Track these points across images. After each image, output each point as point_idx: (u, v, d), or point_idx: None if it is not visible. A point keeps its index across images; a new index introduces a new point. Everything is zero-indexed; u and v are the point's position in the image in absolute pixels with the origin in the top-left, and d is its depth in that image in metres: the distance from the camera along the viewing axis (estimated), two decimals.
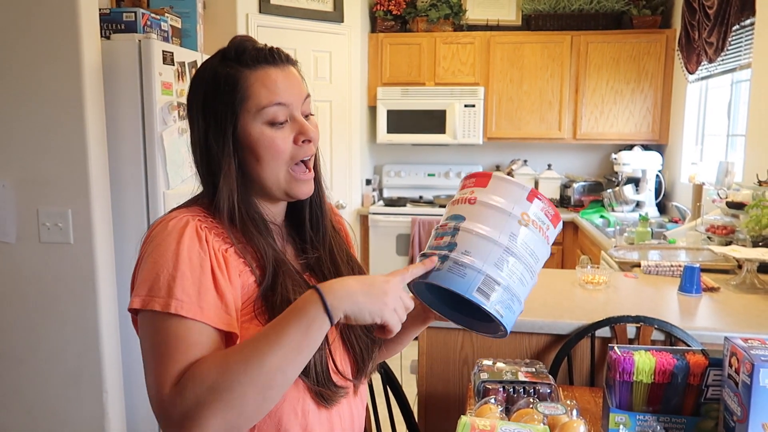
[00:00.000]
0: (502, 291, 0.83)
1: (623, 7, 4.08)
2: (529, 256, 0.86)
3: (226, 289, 0.84)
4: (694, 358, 1.20)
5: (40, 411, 2.08)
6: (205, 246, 0.85)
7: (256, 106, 0.89)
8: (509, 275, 0.84)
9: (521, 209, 0.86)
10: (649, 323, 1.66)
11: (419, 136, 4.27)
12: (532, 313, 1.79)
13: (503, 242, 0.84)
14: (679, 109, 3.93)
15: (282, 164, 0.92)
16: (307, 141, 0.93)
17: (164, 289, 0.81)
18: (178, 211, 0.91)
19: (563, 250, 4.01)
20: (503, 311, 0.84)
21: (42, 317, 2.03)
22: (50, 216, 1.97)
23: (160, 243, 0.84)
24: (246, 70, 0.90)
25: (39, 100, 1.93)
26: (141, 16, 2.19)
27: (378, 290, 0.81)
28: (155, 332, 0.81)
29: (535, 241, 0.87)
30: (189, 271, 0.82)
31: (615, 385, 1.21)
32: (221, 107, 0.90)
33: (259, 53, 0.91)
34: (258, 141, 0.90)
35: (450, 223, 0.88)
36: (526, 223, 0.85)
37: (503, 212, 0.85)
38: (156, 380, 0.79)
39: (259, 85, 0.90)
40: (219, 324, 0.82)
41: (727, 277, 2.22)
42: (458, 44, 4.21)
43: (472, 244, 0.83)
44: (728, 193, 2.70)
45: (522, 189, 0.87)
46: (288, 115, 0.92)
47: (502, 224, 0.84)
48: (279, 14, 3.64)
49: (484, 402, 1.21)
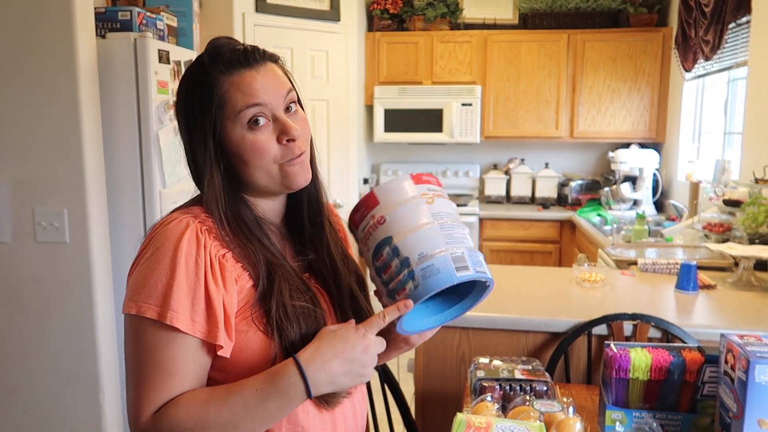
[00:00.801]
0: (467, 254, 0.85)
1: (620, 6, 4.09)
2: (452, 217, 0.88)
3: (217, 299, 0.84)
4: (690, 355, 1.20)
5: (37, 411, 2.07)
6: (202, 252, 0.84)
7: (233, 111, 0.88)
8: (459, 239, 0.86)
9: (417, 191, 0.88)
10: (645, 321, 1.66)
11: (416, 135, 4.27)
12: (529, 311, 1.79)
13: (431, 221, 0.85)
14: (675, 107, 3.93)
15: (270, 163, 0.90)
16: (291, 140, 0.91)
17: (160, 299, 0.81)
18: (180, 212, 0.90)
19: (561, 248, 4.02)
20: (481, 268, 0.86)
21: (38, 317, 2.02)
22: (46, 215, 1.96)
23: (158, 247, 0.84)
24: (221, 75, 0.89)
25: (34, 100, 1.92)
26: (136, 14, 2.19)
27: (358, 365, 0.83)
28: (145, 342, 0.82)
29: (446, 204, 0.89)
30: (185, 282, 0.82)
31: (611, 382, 1.21)
32: (200, 116, 0.90)
33: (233, 57, 0.89)
34: (241, 145, 0.89)
35: (383, 250, 0.86)
36: (430, 199, 0.87)
37: (409, 203, 0.86)
38: (136, 402, 0.82)
39: (234, 90, 0.88)
40: (208, 337, 0.83)
41: (724, 274, 2.22)
42: (455, 43, 4.21)
43: (417, 245, 0.84)
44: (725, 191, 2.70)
45: (403, 180, 0.89)
46: (269, 114, 0.90)
47: (418, 211, 0.86)
48: (275, 13, 3.63)
49: (481, 399, 1.21)
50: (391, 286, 0.86)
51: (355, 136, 4.19)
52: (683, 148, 3.85)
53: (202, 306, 0.83)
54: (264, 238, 0.93)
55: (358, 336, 0.83)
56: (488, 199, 4.47)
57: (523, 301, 1.89)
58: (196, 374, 0.85)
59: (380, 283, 0.88)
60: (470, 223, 4.02)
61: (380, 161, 4.73)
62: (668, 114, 4.06)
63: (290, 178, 0.92)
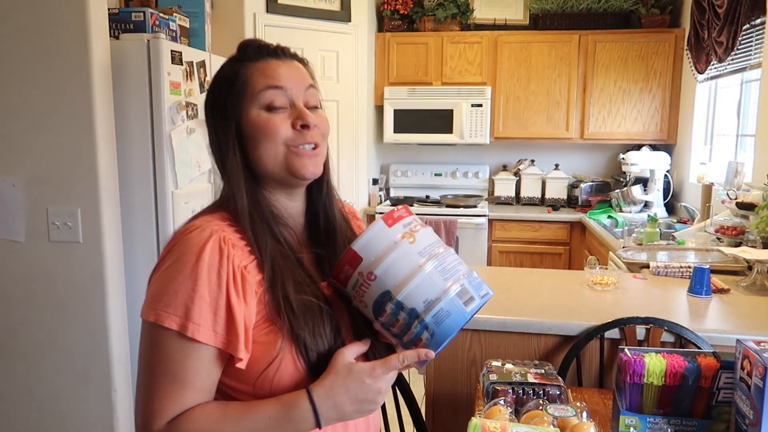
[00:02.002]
0: (467, 283, 0.85)
1: (631, 7, 4.07)
2: (437, 246, 0.87)
3: (239, 311, 0.83)
4: (706, 360, 1.19)
5: (49, 409, 2.09)
6: (225, 263, 0.84)
7: (253, 92, 0.91)
8: (454, 268, 0.85)
9: (396, 234, 0.86)
10: (658, 325, 1.65)
11: (426, 135, 4.27)
12: (540, 313, 1.78)
13: (422, 262, 0.84)
14: (687, 108, 3.90)
15: (280, 146, 0.91)
16: (306, 126, 0.91)
17: (182, 309, 0.81)
18: (203, 219, 0.89)
19: (570, 250, 4.00)
20: (482, 289, 0.87)
21: (51, 316, 2.04)
22: (59, 215, 1.98)
23: (180, 256, 0.83)
24: (247, 63, 0.93)
25: (48, 100, 1.93)
26: (149, 15, 2.20)
27: (368, 403, 0.85)
28: (162, 351, 0.82)
29: (427, 235, 0.88)
30: (207, 293, 0.82)
31: (625, 387, 1.21)
32: (224, 102, 0.93)
33: (262, 48, 0.94)
34: (254, 124, 0.91)
35: (385, 306, 0.85)
36: (409, 235, 0.86)
37: (393, 252, 0.84)
38: (147, 410, 0.82)
39: (258, 74, 0.92)
40: (228, 348, 0.83)
41: (737, 278, 2.20)
42: (465, 44, 4.20)
43: (419, 294, 0.83)
44: (738, 194, 2.68)
45: (378, 229, 0.86)
46: (287, 101, 0.92)
47: (405, 257, 0.84)
48: (286, 14, 3.64)
49: (494, 403, 1.21)
50: (405, 339, 0.86)
51: (364, 136, 4.19)
52: (695, 150, 3.83)
53: (224, 318, 0.82)
54: (276, 228, 0.93)
55: (373, 378, 0.84)
56: (498, 201, 4.45)
57: (535, 303, 1.88)
58: (209, 387, 0.85)
59: (391, 335, 0.87)
60: (479, 225, 4.01)
61: (390, 162, 4.73)
62: (680, 115, 4.03)
63: (296, 165, 0.92)
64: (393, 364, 0.85)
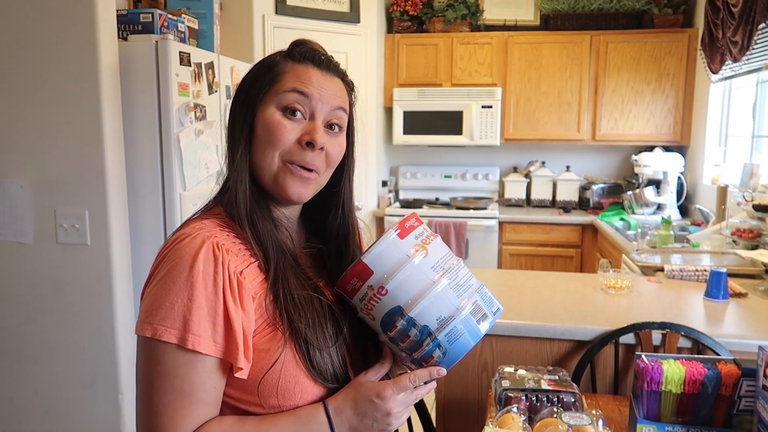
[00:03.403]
0: (480, 300, 0.84)
1: (644, 6, 4.02)
2: (449, 259, 0.85)
3: (237, 319, 0.80)
4: (726, 367, 1.15)
5: (56, 412, 2.08)
6: (221, 269, 0.80)
7: (278, 88, 0.88)
8: (466, 283, 0.83)
9: (408, 247, 0.82)
10: (675, 330, 1.61)
11: (436, 137, 4.24)
12: (553, 318, 1.75)
13: (435, 278, 0.81)
14: (701, 109, 3.85)
15: (276, 157, 0.87)
16: (310, 145, 0.87)
17: (179, 321, 0.78)
18: (193, 227, 0.84)
19: (582, 252, 3.96)
20: (494, 306, 0.85)
21: (58, 318, 2.03)
22: (67, 217, 1.97)
23: (173, 267, 0.80)
24: (290, 61, 0.90)
25: (56, 102, 1.93)
26: (158, 17, 2.19)
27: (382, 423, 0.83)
28: (164, 367, 0.79)
29: (439, 247, 0.86)
30: (205, 302, 0.79)
31: (642, 394, 1.17)
32: (252, 89, 0.90)
33: (309, 53, 0.90)
34: (264, 122, 0.87)
35: (396, 321, 0.82)
36: (422, 248, 0.83)
37: (406, 266, 0.81)
38: (155, 429, 0.80)
39: (292, 75, 0.88)
40: (228, 357, 0.80)
41: (755, 282, 2.16)
42: (475, 44, 4.17)
43: (432, 311, 0.81)
44: (754, 196, 2.63)
45: (391, 238, 0.83)
46: (307, 110, 0.88)
47: (419, 272, 0.81)
48: (295, 15, 3.63)
49: (506, 411, 1.18)
50: (415, 356, 0.83)
51: (374, 138, 4.17)
52: (709, 152, 3.77)
53: (222, 326, 0.79)
54: (275, 230, 0.90)
55: (381, 399, 0.82)
56: (508, 203, 4.41)
57: (547, 307, 1.84)
58: (216, 399, 0.82)
59: (399, 350, 0.85)
60: (490, 227, 3.98)
61: (399, 164, 4.71)
62: (693, 116, 3.97)
63: (282, 183, 0.88)
64: (404, 384, 0.83)
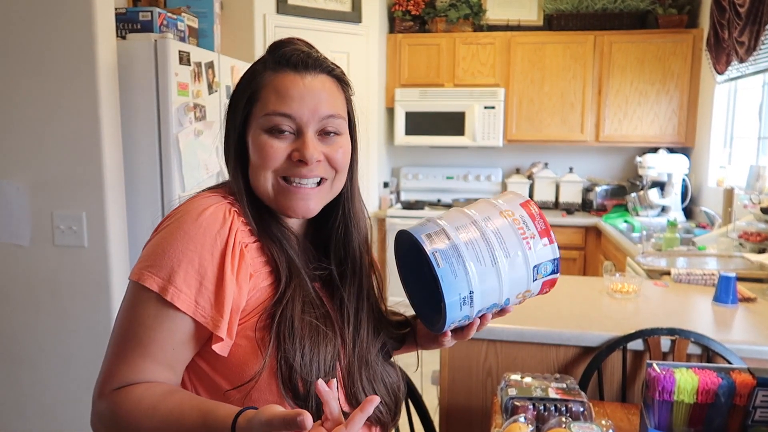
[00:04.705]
0: (449, 245, 0.79)
1: (648, 6, 3.98)
2: (496, 240, 0.80)
3: (230, 286, 0.77)
4: (741, 377, 1.12)
5: (52, 415, 2.05)
6: (225, 232, 0.78)
7: (261, 110, 0.85)
8: (463, 238, 0.80)
9: (507, 207, 0.85)
10: (684, 336, 1.57)
11: (438, 138, 4.20)
12: (558, 323, 1.71)
13: (475, 217, 0.83)
14: (706, 110, 3.81)
15: (269, 175, 0.85)
16: (302, 162, 0.83)
17: (165, 270, 0.76)
18: (212, 191, 0.87)
19: (585, 255, 3.92)
20: (442, 263, 0.78)
21: (55, 321, 2.00)
22: (64, 219, 1.94)
23: (179, 217, 0.79)
24: (268, 70, 0.86)
25: (54, 102, 1.90)
26: (157, 15, 2.15)
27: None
28: (136, 312, 0.77)
29: (510, 235, 0.81)
30: (197, 258, 0.76)
31: (654, 404, 1.14)
32: (237, 105, 0.88)
33: (287, 55, 0.85)
34: (252, 145, 0.85)
35: None
36: (505, 215, 0.83)
37: (491, 203, 0.86)
38: (104, 371, 0.77)
39: (271, 90, 0.84)
40: (209, 324, 0.76)
41: (763, 286, 2.12)
42: (478, 45, 4.13)
43: (450, 214, 0.85)
44: (761, 199, 2.59)
45: (518, 196, 0.87)
46: (294, 127, 0.84)
47: (485, 209, 0.85)
48: (296, 14, 3.60)
49: (513, 420, 1.15)
50: None
51: (375, 138, 4.14)
52: (714, 153, 3.73)
53: (211, 289, 0.76)
54: (284, 240, 0.87)
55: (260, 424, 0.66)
56: None
57: (552, 312, 1.81)
58: (173, 363, 0.78)
59: None
60: None
61: (401, 164, 4.67)
62: (698, 118, 3.94)
63: (283, 204, 0.86)
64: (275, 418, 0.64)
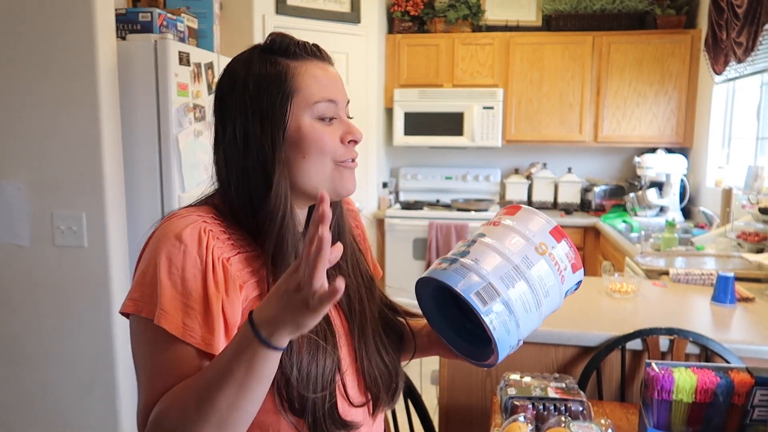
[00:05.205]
0: (501, 304, 0.77)
1: (646, 7, 3.99)
2: (538, 285, 0.79)
3: (216, 303, 0.77)
4: (739, 376, 1.12)
5: (54, 416, 2.05)
6: (204, 252, 0.78)
7: (307, 100, 0.84)
8: (513, 293, 0.78)
9: (541, 239, 0.82)
10: (683, 336, 1.58)
11: (436, 138, 4.21)
12: (557, 323, 1.72)
13: (515, 260, 0.79)
14: (704, 111, 3.82)
15: (328, 161, 0.87)
16: (353, 142, 0.89)
17: (154, 297, 0.77)
18: (187, 210, 0.86)
19: (584, 255, 3.93)
20: (498, 325, 0.76)
21: (55, 321, 2.00)
22: (64, 219, 1.94)
23: (157, 243, 0.80)
24: (292, 62, 0.85)
25: (53, 102, 1.90)
26: (157, 16, 2.16)
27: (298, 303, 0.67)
28: (146, 341, 0.78)
29: (549, 274, 0.81)
30: (180, 281, 0.77)
31: (653, 403, 1.14)
32: (267, 103, 0.84)
33: (305, 46, 0.87)
34: (307, 136, 0.84)
35: (471, 237, 0.86)
36: (543, 251, 0.80)
37: (522, 236, 0.82)
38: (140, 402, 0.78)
39: (310, 78, 0.85)
40: (198, 343, 0.76)
41: (761, 286, 2.13)
42: (477, 45, 4.14)
43: (484, 254, 0.80)
44: (759, 199, 2.60)
45: (547, 222, 0.84)
46: (335, 113, 0.88)
47: (519, 246, 0.81)
48: (295, 15, 3.60)
49: (513, 420, 1.15)
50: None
51: (374, 139, 4.14)
52: (712, 154, 3.74)
53: (198, 310, 0.76)
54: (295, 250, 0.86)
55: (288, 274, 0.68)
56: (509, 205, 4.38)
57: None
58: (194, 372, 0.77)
59: None
60: None
61: (399, 165, 4.68)
62: (696, 118, 3.95)
63: (343, 182, 0.90)
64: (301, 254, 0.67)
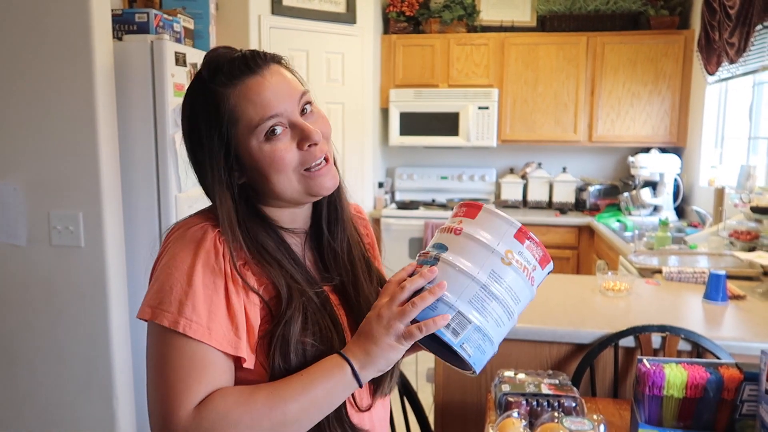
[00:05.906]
0: (473, 330, 0.78)
1: (640, 8, 4.02)
2: (509, 297, 0.81)
3: (239, 309, 0.80)
4: (728, 371, 1.14)
5: (50, 416, 2.05)
6: (221, 261, 0.81)
7: (248, 127, 0.83)
8: (483, 315, 0.79)
9: (506, 247, 0.80)
10: (675, 333, 1.60)
11: (432, 138, 4.23)
12: (551, 321, 1.74)
13: (481, 279, 0.79)
14: (697, 111, 3.85)
15: (291, 174, 0.85)
16: (313, 144, 0.85)
17: (175, 305, 0.78)
18: (200, 217, 0.87)
19: (578, 254, 3.95)
20: (472, 351, 0.79)
21: (52, 321, 2.00)
22: (61, 219, 1.94)
23: (177, 253, 0.81)
24: (224, 89, 0.83)
25: (50, 102, 1.90)
26: (153, 17, 2.16)
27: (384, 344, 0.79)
28: (166, 349, 0.79)
29: (518, 282, 0.81)
30: (202, 289, 0.79)
31: (644, 399, 1.16)
32: (207, 136, 0.85)
33: (233, 66, 0.84)
34: (259, 159, 0.84)
35: (432, 251, 0.83)
36: (509, 261, 0.80)
37: (487, 248, 0.80)
38: (165, 404, 0.76)
39: (245, 103, 0.82)
40: (226, 348, 0.79)
41: (753, 284, 2.15)
42: (472, 45, 4.16)
43: (450, 278, 0.79)
44: (751, 198, 2.63)
45: (510, 225, 0.82)
46: (285, 122, 0.85)
47: (484, 260, 0.80)
48: (291, 15, 3.61)
49: (507, 416, 1.17)
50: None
51: (370, 139, 4.16)
52: (705, 153, 3.77)
53: (222, 315, 0.79)
54: (285, 259, 0.88)
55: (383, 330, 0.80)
56: (505, 204, 4.41)
57: (545, 310, 1.83)
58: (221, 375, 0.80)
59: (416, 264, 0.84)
60: None
61: (395, 165, 4.69)
62: (689, 118, 3.98)
63: (315, 185, 0.87)
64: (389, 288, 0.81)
